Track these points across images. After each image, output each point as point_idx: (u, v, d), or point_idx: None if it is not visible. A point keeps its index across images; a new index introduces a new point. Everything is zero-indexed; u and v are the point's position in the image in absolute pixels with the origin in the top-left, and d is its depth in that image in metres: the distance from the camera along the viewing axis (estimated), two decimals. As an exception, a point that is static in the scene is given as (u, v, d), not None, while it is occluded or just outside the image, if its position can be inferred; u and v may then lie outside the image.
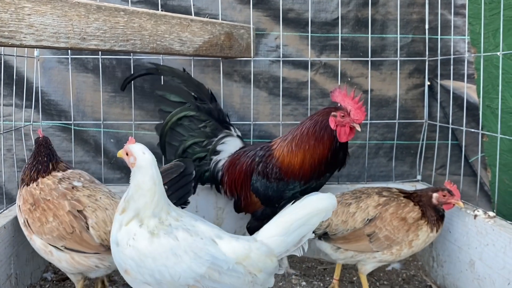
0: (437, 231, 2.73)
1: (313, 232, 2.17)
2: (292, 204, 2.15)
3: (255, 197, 3.06)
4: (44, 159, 2.71)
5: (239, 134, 3.34)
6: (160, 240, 2.02)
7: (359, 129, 2.81)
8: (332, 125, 2.85)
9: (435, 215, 2.73)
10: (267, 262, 2.09)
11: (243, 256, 2.06)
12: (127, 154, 2.12)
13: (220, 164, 3.22)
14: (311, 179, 2.93)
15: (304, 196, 2.15)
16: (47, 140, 2.80)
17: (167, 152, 3.25)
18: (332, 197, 2.13)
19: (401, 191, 2.87)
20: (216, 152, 3.24)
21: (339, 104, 2.87)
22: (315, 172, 2.91)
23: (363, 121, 2.83)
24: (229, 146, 3.25)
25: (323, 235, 2.79)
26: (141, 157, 2.08)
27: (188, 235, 2.04)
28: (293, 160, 2.94)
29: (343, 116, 2.82)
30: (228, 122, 3.33)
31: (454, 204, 2.73)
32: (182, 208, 2.49)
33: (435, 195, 2.74)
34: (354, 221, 2.74)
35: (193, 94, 3.22)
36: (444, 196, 2.72)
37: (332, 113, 2.85)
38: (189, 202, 2.65)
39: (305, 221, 2.10)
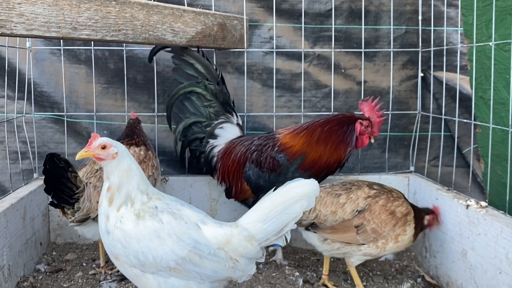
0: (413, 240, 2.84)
1: (300, 223, 2.14)
2: (274, 190, 2.15)
3: (247, 185, 3.09)
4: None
5: (240, 122, 3.37)
6: (145, 222, 2.09)
7: (373, 141, 3.00)
8: (357, 131, 2.98)
9: (419, 228, 2.84)
10: (247, 247, 2.12)
11: (224, 242, 2.11)
12: (103, 148, 2.12)
13: (216, 150, 3.26)
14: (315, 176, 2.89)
15: (286, 182, 2.14)
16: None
17: (172, 122, 3.39)
18: (314, 183, 2.12)
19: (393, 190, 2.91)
20: (214, 136, 3.28)
21: (362, 113, 3.00)
22: (323, 171, 2.99)
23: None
24: (227, 132, 3.29)
25: (311, 225, 2.79)
26: (120, 145, 2.17)
27: (173, 219, 2.11)
28: (311, 153, 2.99)
29: (367, 126, 2.97)
30: (231, 108, 3.36)
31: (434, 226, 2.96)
32: None
33: (427, 217, 2.88)
34: (343, 212, 2.74)
35: (203, 72, 3.28)
36: (433, 219, 2.91)
37: (359, 121, 2.96)
38: None
39: (286, 206, 2.09)
